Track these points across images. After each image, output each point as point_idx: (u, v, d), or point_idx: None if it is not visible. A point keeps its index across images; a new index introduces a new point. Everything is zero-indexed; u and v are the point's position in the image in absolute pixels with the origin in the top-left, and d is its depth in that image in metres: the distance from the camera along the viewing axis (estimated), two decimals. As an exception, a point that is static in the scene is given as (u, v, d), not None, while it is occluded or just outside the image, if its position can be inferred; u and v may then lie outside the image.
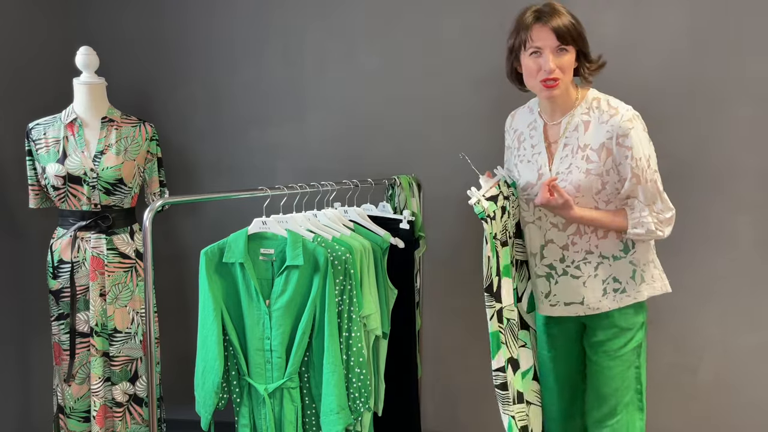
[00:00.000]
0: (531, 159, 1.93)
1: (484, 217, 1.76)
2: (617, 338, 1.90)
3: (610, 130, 1.79)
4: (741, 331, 2.50)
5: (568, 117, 1.86)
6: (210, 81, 2.77)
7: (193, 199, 2.61)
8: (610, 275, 1.88)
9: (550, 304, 1.95)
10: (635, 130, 1.78)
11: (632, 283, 1.89)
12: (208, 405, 2.00)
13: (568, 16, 1.78)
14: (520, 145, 1.98)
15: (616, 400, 1.91)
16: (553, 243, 1.90)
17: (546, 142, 1.91)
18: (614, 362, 1.90)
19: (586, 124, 1.83)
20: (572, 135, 1.85)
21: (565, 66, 1.78)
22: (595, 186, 1.82)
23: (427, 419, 2.73)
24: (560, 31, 1.75)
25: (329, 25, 2.67)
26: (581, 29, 1.80)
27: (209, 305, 1.98)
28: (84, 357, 2.34)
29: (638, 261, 1.89)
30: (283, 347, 1.97)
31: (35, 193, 2.39)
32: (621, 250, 1.88)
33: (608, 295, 1.88)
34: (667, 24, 2.44)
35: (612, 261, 1.88)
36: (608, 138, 1.79)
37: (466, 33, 2.58)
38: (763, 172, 2.43)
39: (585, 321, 1.96)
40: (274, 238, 1.98)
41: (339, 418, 1.95)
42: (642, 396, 1.95)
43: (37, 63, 2.60)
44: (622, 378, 1.91)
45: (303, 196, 2.15)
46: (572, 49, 1.78)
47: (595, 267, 1.88)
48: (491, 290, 1.81)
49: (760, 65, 2.38)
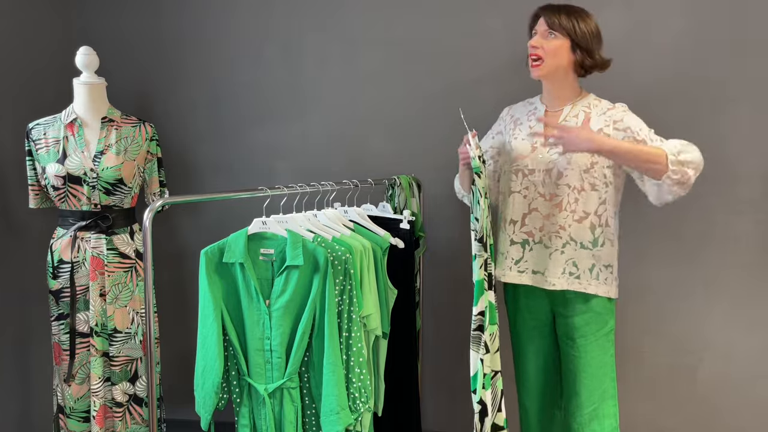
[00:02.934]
0: (526, 138, 2.05)
1: (479, 172, 1.89)
2: (591, 323, 1.98)
3: (607, 119, 1.95)
4: (741, 331, 2.50)
5: (570, 106, 2.01)
6: (210, 81, 2.78)
7: (193, 199, 2.60)
8: (572, 259, 1.98)
9: (518, 271, 2.06)
10: (629, 115, 1.95)
11: (586, 276, 1.97)
12: (208, 405, 2.00)
13: (564, 15, 1.93)
14: (516, 127, 2.10)
15: (591, 388, 1.99)
16: (537, 211, 2.01)
17: (544, 125, 2.01)
18: (587, 346, 1.98)
19: (586, 114, 1.97)
20: (572, 120, 1.99)
21: (548, 48, 1.93)
22: (584, 162, 1.93)
23: (427, 419, 2.73)
24: (550, 18, 1.93)
25: (329, 25, 2.67)
26: (580, 23, 1.93)
27: (209, 305, 1.98)
28: (84, 357, 2.34)
29: (600, 258, 1.98)
30: (283, 347, 1.97)
31: (35, 193, 2.39)
32: (590, 242, 1.97)
33: (565, 276, 1.98)
34: (668, 24, 2.44)
35: (577, 247, 1.97)
36: (606, 125, 1.94)
37: (466, 33, 2.59)
38: (764, 172, 2.43)
39: (553, 307, 2.05)
40: (274, 238, 1.98)
41: (339, 418, 1.95)
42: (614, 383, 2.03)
43: (37, 63, 2.60)
44: (597, 364, 1.98)
45: (303, 196, 2.15)
46: (561, 37, 1.93)
47: (563, 245, 1.98)
48: (483, 241, 1.92)
49: (761, 65, 2.39)
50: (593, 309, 1.98)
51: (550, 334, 2.10)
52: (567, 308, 2.00)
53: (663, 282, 2.52)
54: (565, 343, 2.02)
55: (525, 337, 2.12)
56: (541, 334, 2.10)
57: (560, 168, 1.96)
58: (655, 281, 2.52)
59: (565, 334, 2.02)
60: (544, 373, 2.12)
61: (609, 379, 2.00)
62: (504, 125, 2.17)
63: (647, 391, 2.58)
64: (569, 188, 1.96)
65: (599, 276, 1.98)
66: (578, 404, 2.00)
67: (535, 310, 2.09)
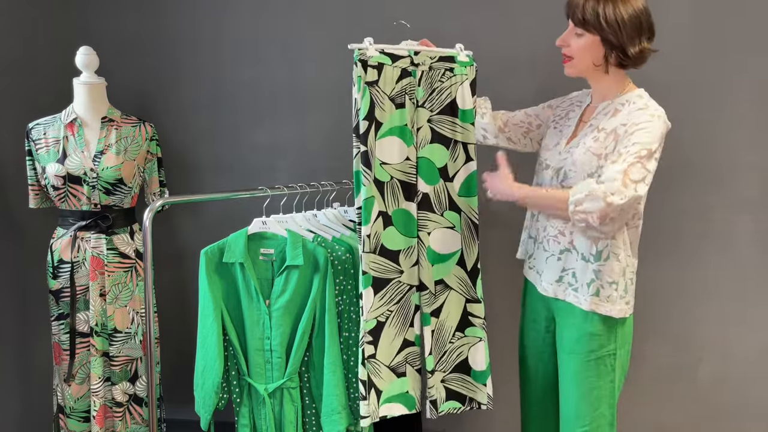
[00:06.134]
0: (560, 129, 1.95)
1: (356, 60, 1.87)
2: (582, 342, 1.83)
3: (630, 118, 1.74)
4: (741, 331, 2.50)
5: (606, 102, 1.85)
6: (210, 81, 2.77)
7: (193, 199, 2.62)
8: (572, 269, 1.83)
9: (529, 267, 2.01)
10: (652, 123, 1.71)
11: (584, 290, 1.80)
12: (208, 405, 2.00)
13: (593, 3, 1.73)
14: (564, 116, 1.99)
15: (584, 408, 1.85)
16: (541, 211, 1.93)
17: (579, 120, 1.92)
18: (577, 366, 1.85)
19: (616, 111, 1.80)
20: (601, 118, 1.83)
21: (574, 48, 1.79)
22: (590, 165, 1.77)
23: (427, 419, 2.73)
24: (575, 15, 1.76)
25: (329, 24, 2.67)
26: (611, 17, 1.71)
27: (209, 305, 1.98)
28: (84, 357, 2.34)
29: (602, 274, 1.78)
30: (283, 347, 1.97)
31: (35, 193, 2.39)
32: (592, 254, 1.78)
33: (562, 285, 1.85)
34: (668, 23, 2.43)
35: (578, 258, 1.81)
36: (623, 123, 1.74)
37: (466, 33, 2.58)
38: (764, 171, 2.43)
39: (552, 314, 1.94)
40: (274, 238, 1.98)
41: (339, 418, 1.95)
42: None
43: (37, 63, 2.60)
44: (588, 387, 1.83)
45: (303, 196, 2.15)
46: (588, 35, 1.75)
47: (560, 251, 1.84)
48: (357, 131, 1.90)
49: (761, 65, 2.38)
50: (587, 327, 1.81)
51: (551, 342, 1.97)
52: (563, 319, 1.88)
53: (662, 282, 2.52)
54: (560, 356, 1.90)
55: (529, 338, 2.05)
56: (543, 340, 1.99)
57: (566, 169, 1.83)
58: (655, 281, 2.52)
59: (560, 346, 1.90)
60: (543, 379, 2.03)
61: (606, 406, 1.83)
62: (559, 104, 2.04)
63: (647, 391, 2.58)
64: None
65: (599, 292, 1.78)
66: (568, 424, 1.87)
67: (536, 313, 2.00)
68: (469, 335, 2.04)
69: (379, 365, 1.92)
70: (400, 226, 1.94)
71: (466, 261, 2.02)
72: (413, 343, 1.99)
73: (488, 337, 2.06)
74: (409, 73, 1.93)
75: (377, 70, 1.89)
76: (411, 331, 1.98)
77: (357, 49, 1.88)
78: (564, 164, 1.85)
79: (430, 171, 1.97)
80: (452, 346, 2.03)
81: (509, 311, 2.25)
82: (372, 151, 1.89)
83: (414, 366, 2.00)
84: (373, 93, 1.89)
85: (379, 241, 1.91)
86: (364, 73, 1.88)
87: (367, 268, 1.89)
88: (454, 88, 1.98)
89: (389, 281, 1.92)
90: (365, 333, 1.89)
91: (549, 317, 1.97)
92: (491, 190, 1.84)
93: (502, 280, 2.39)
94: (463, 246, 2.02)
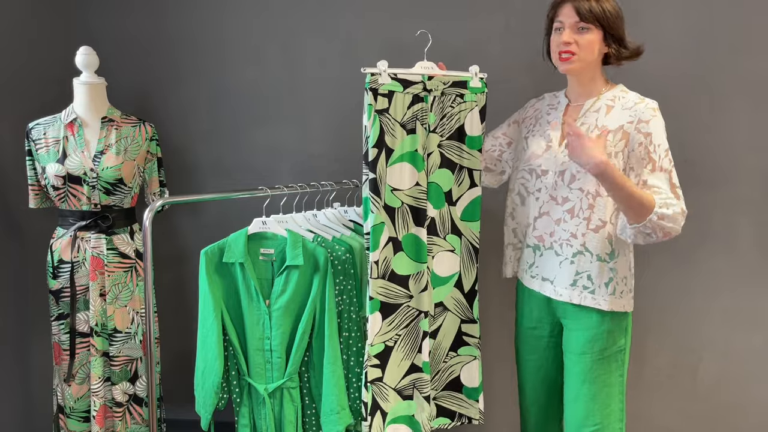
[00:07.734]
0: (543, 134, 1.93)
1: (368, 87, 1.86)
2: (598, 340, 1.84)
3: (633, 115, 1.79)
4: (741, 331, 2.50)
5: (592, 100, 1.87)
6: (210, 81, 2.77)
7: (193, 199, 2.61)
8: (587, 272, 1.83)
9: (531, 276, 1.96)
10: (657, 119, 1.79)
11: (602, 291, 1.82)
12: (208, 405, 2.01)
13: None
14: (537, 122, 1.98)
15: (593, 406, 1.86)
16: (548, 216, 1.89)
17: (563, 121, 1.91)
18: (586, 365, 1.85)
19: (608, 108, 1.84)
20: (591, 116, 1.85)
21: (582, 43, 1.79)
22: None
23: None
24: (581, 8, 1.77)
25: (329, 24, 2.67)
26: (611, 11, 1.79)
27: (209, 305, 1.98)
28: (84, 357, 2.34)
29: (617, 271, 1.83)
30: (283, 347, 1.97)
31: (35, 193, 2.39)
32: (607, 254, 1.82)
33: (577, 289, 1.84)
34: (668, 23, 2.44)
35: (593, 259, 1.82)
36: (629, 122, 1.79)
37: (466, 33, 2.58)
38: (764, 171, 2.43)
39: (561, 319, 1.93)
40: (274, 238, 1.98)
41: (339, 418, 1.95)
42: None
43: (37, 63, 2.60)
44: (600, 384, 1.85)
45: (303, 196, 2.15)
46: (594, 29, 1.79)
47: (573, 254, 1.84)
48: (366, 158, 1.89)
49: (761, 65, 2.38)
50: (604, 326, 1.83)
51: (555, 346, 1.98)
52: (574, 321, 1.87)
53: (663, 281, 2.52)
54: (568, 358, 1.89)
55: (527, 346, 2.02)
56: (547, 345, 1.98)
57: (573, 171, 1.82)
58: (655, 281, 2.52)
59: (569, 348, 1.89)
60: (543, 384, 2.02)
61: (616, 401, 1.85)
62: (524, 116, 2.04)
63: (647, 390, 2.58)
64: (582, 193, 1.81)
65: (615, 290, 1.82)
66: (578, 424, 1.86)
67: (538, 320, 1.98)
68: (462, 354, 2.07)
69: (386, 389, 1.93)
70: (410, 251, 1.95)
71: (463, 283, 2.05)
72: (421, 369, 1.99)
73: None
74: (421, 98, 1.93)
75: (388, 99, 1.89)
76: (419, 357, 1.98)
77: (369, 74, 1.87)
78: (568, 166, 1.84)
79: (438, 196, 1.99)
80: (445, 365, 2.07)
81: (506, 330, 2.25)
82: (382, 178, 1.90)
83: (422, 392, 2.00)
84: (383, 121, 1.88)
85: (389, 267, 1.92)
86: (374, 101, 1.87)
87: (375, 294, 1.90)
88: (463, 114, 1.98)
89: (398, 306, 1.94)
90: (370, 356, 1.90)
91: (554, 322, 1.96)
92: (574, 149, 1.69)
93: (498, 301, 2.41)
94: (462, 269, 2.04)
